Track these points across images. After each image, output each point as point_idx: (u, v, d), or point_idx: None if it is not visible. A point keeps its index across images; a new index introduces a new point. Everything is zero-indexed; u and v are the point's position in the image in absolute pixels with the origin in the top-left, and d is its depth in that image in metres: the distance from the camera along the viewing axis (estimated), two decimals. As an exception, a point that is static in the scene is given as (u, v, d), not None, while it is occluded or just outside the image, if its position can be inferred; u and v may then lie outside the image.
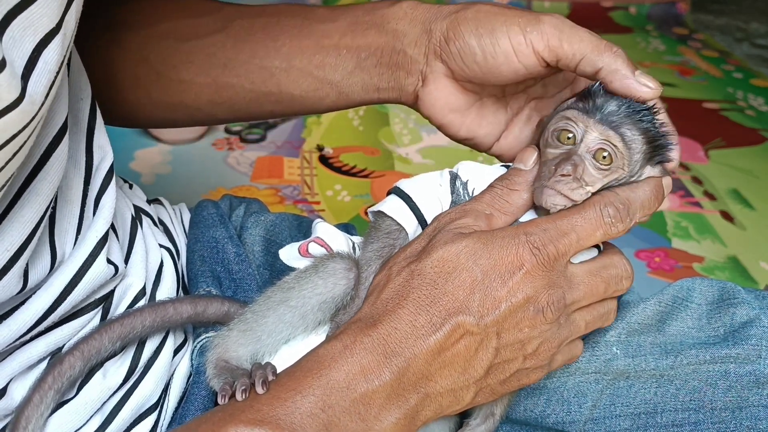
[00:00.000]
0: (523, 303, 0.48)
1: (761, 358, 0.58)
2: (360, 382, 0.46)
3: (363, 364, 0.46)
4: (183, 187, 1.59)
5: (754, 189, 1.77)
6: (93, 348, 0.51)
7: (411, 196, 0.54)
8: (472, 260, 0.48)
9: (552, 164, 0.51)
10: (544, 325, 0.49)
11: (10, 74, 0.36)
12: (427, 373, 0.47)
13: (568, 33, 0.54)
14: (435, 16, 0.58)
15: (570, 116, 0.51)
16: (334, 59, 0.61)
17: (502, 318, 0.48)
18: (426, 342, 0.47)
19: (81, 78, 0.54)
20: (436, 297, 0.48)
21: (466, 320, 0.48)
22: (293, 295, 0.52)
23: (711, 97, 2.24)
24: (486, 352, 0.48)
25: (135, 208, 0.62)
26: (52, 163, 0.46)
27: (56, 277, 0.49)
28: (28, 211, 0.44)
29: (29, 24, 0.37)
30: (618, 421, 0.60)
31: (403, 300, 0.48)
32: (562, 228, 0.49)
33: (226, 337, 0.52)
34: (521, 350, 0.50)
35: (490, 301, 0.48)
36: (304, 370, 0.47)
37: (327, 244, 0.56)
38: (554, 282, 0.49)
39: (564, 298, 0.50)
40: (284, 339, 0.52)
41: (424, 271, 0.49)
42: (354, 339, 0.47)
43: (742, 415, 0.57)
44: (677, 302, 0.63)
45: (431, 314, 0.48)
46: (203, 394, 0.56)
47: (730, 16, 2.92)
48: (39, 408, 0.49)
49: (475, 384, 0.49)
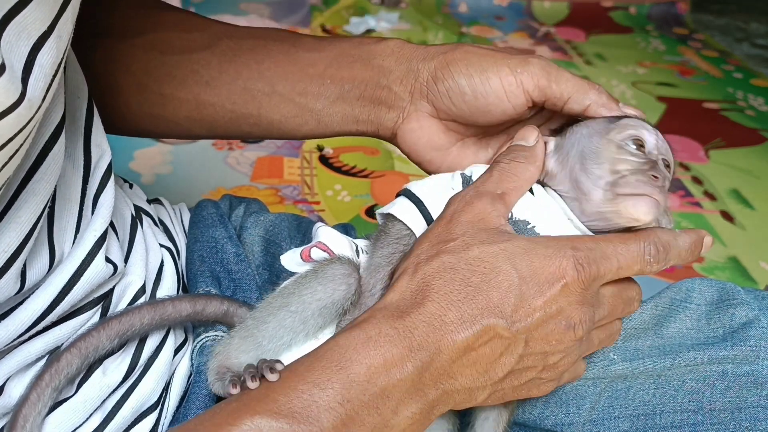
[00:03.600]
0: (556, 315, 0.48)
1: (760, 359, 0.58)
2: (381, 375, 0.45)
3: (386, 357, 0.45)
4: (183, 187, 1.59)
5: (754, 189, 1.77)
6: (91, 345, 0.51)
7: (422, 199, 0.53)
8: (510, 263, 0.47)
9: (626, 172, 0.50)
10: (571, 341, 0.49)
11: (10, 78, 0.36)
12: (450, 371, 0.47)
13: (555, 74, 0.56)
14: (422, 56, 0.59)
15: (639, 125, 0.53)
16: (317, 88, 0.62)
17: (533, 326, 0.47)
18: (454, 339, 0.46)
19: (77, 77, 0.54)
20: (469, 294, 0.47)
21: (498, 323, 0.47)
22: (293, 300, 0.51)
23: (711, 97, 2.24)
24: (510, 357, 0.48)
25: (135, 208, 0.62)
26: (48, 163, 0.46)
27: (55, 277, 0.49)
28: (25, 211, 0.44)
29: (23, 28, 0.37)
30: (617, 422, 0.60)
31: (433, 293, 0.47)
32: (606, 252, 0.49)
33: (227, 345, 0.52)
34: (543, 360, 0.49)
35: (524, 307, 0.47)
36: (323, 362, 0.45)
37: (329, 249, 0.55)
38: (588, 300, 0.49)
39: (594, 317, 0.50)
40: (286, 344, 0.51)
41: (458, 266, 0.47)
42: (379, 330, 0.46)
43: (741, 415, 0.57)
44: (675, 304, 0.63)
45: (462, 311, 0.46)
46: (204, 394, 0.56)
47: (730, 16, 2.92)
48: (36, 406, 0.49)
49: (492, 386, 0.49)
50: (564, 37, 2.71)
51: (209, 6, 2.52)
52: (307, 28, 2.59)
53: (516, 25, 2.81)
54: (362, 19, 2.68)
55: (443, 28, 2.74)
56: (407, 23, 2.73)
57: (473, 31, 2.74)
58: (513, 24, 2.82)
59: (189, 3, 2.50)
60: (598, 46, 2.62)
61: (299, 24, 2.62)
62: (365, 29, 2.62)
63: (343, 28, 2.62)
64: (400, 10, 2.85)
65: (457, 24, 2.79)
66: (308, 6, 2.79)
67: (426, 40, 2.59)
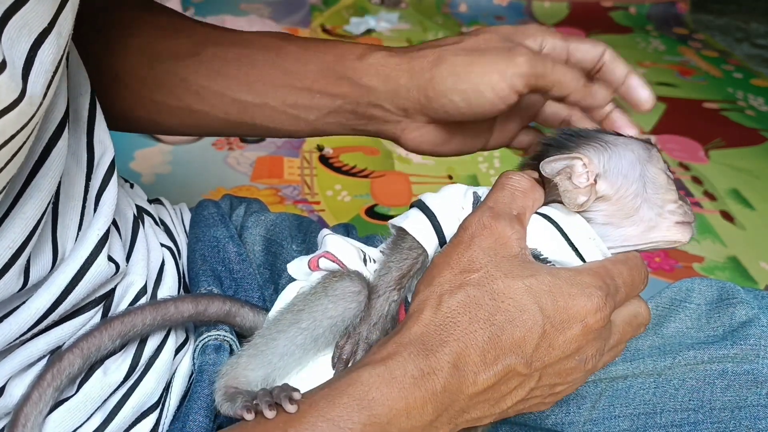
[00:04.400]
0: (573, 353, 0.47)
1: (760, 358, 0.58)
2: (402, 418, 0.44)
3: (409, 401, 0.44)
4: (183, 187, 1.59)
5: (754, 189, 1.77)
6: (93, 345, 0.51)
7: (435, 213, 0.53)
8: (535, 302, 0.46)
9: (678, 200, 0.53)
10: (579, 374, 0.49)
11: (10, 75, 0.36)
12: (466, 408, 0.46)
13: (542, 66, 0.56)
14: (407, 72, 0.59)
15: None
16: (308, 101, 0.61)
17: (549, 364, 0.47)
18: (475, 380, 0.45)
19: (80, 73, 0.54)
20: (494, 334, 0.46)
21: (518, 362, 0.46)
22: (304, 317, 0.51)
23: (711, 97, 2.24)
24: (522, 390, 0.48)
25: (137, 208, 0.62)
26: (53, 158, 0.46)
27: (58, 275, 0.49)
28: (30, 207, 0.44)
29: (24, 24, 0.37)
30: (617, 421, 0.60)
31: (456, 330, 0.46)
32: (618, 283, 0.49)
33: (235, 364, 0.51)
34: (550, 389, 0.49)
35: (545, 347, 0.46)
36: (344, 398, 0.44)
37: (338, 259, 0.54)
38: (603, 335, 0.48)
39: (604, 347, 0.49)
40: (296, 361, 0.51)
41: (482, 301, 0.46)
42: (404, 371, 0.44)
43: (740, 414, 0.57)
44: (675, 303, 0.63)
45: (486, 351, 0.45)
46: (205, 393, 0.56)
47: (730, 16, 2.92)
48: (38, 405, 0.49)
49: (499, 414, 0.49)
50: (564, 37, 2.71)
51: (209, 6, 2.52)
52: (307, 28, 2.59)
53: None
54: (362, 19, 2.68)
55: (443, 28, 2.74)
56: (407, 23, 2.74)
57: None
58: (513, 24, 2.82)
59: (189, 2, 2.51)
60: (598, 46, 2.62)
61: (299, 24, 2.62)
62: (365, 29, 2.62)
63: (343, 28, 2.62)
64: (400, 10, 2.85)
65: (457, 24, 2.79)
66: (308, 6, 2.79)
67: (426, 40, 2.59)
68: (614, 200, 0.52)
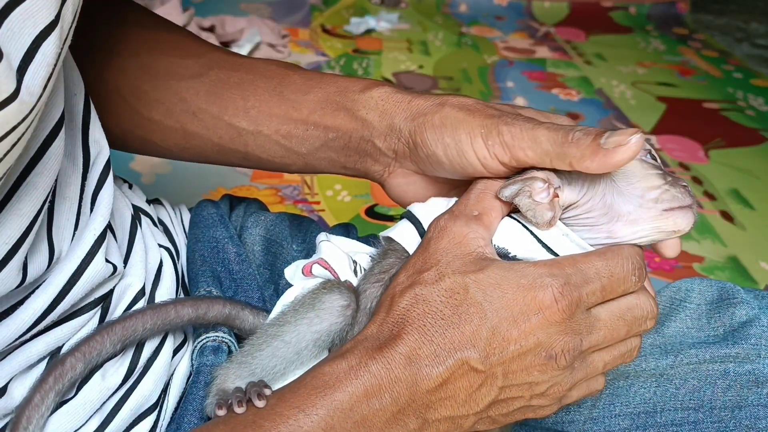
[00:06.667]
0: (534, 348, 0.46)
1: (760, 357, 0.58)
2: (362, 404, 0.46)
3: (366, 387, 0.46)
4: (183, 187, 1.59)
5: (754, 189, 1.77)
6: (94, 349, 0.51)
7: (421, 222, 0.53)
8: (482, 295, 0.46)
9: (664, 186, 0.50)
10: (555, 371, 0.47)
11: (6, 67, 0.36)
12: (428, 402, 0.47)
13: (527, 139, 0.50)
14: (405, 113, 0.56)
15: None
16: (301, 132, 0.60)
17: (509, 359, 0.47)
18: (429, 373, 0.46)
19: (73, 73, 0.54)
20: (442, 328, 0.46)
21: (471, 357, 0.46)
22: (288, 329, 0.51)
23: (711, 97, 2.24)
24: (490, 389, 0.47)
25: (134, 208, 0.62)
26: (48, 157, 0.46)
27: (55, 275, 0.49)
28: (25, 204, 0.44)
29: (29, 15, 0.37)
30: (617, 420, 0.60)
31: (407, 326, 0.47)
32: (588, 274, 0.47)
33: (226, 369, 0.52)
34: (529, 390, 0.48)
35: (498, 340, 0.46)
36: (308, 388, 0.47)
37: (330, 267, 0.55)
38: (572, 329, 0.47)
39: (581, 344, 0.48)
40: (280, 373, 0.51)
41: (430, 298, 0.47)
42: (359, 361, 0.47)
43: (741, 414, 0.57)
44: (675, 303, 0.63)
45: (435, 345, 0.46)
46: (200, 396, 0.56)
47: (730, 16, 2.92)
48: (40, 408, 0.49)
49: (476, 415, 0.48)
50: (564, 37, 2.72)
51: (209, 6, 2.52)
52: (307, 28, 2.60)
53: (516, 25, 2.81)
54: (362, 19, 2.68)
55: (443, 28, 2.74)
56: (407, 23, 2.74)
57: (473, 31, 2.74)
58: (513, 24, 2.82)
59: (189, 3, 2.50)
60: (598, 46, 2.62)
61: (299, 24, 2.62)
62: (365, 29, 2.62)
63: (343, 28, 2.62)
64: (400, 10, 2.85)
65: (457, 24, 2.80)
66: (308, 6, 2.79)
67: (426, 40, 2.59)
68: (583, 205, 0.50)
